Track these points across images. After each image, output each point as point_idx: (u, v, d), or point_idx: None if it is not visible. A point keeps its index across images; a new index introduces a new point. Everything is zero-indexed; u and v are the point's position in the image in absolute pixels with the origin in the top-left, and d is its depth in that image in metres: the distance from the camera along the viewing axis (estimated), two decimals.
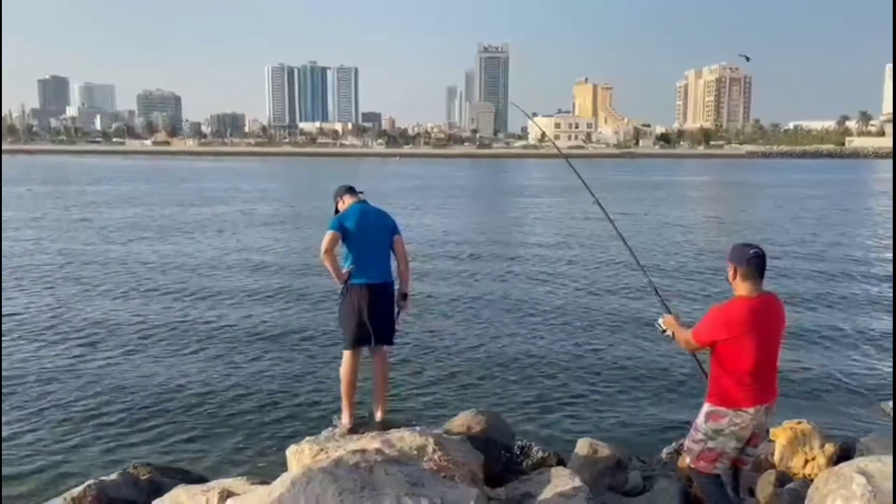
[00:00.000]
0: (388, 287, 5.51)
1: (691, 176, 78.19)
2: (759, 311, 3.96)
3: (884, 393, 8.85)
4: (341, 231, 5.31)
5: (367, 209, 5.55)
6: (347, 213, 5.44)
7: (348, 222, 5.37)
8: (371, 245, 5.42)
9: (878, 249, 22.26)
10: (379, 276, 5.43)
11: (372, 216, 5.52)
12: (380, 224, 5.52)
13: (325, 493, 3.48)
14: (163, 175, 72.85)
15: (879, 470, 3.70)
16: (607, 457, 5.29)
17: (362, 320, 5.31)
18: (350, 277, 5.34)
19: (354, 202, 5.55)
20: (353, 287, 5.35)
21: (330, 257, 5.27)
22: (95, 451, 7.02)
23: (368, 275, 5.37)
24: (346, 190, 5.64)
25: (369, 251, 5.39)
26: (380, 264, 5.45)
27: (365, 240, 5.39)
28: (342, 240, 5.35)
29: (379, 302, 5.38)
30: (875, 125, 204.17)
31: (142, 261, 18.67)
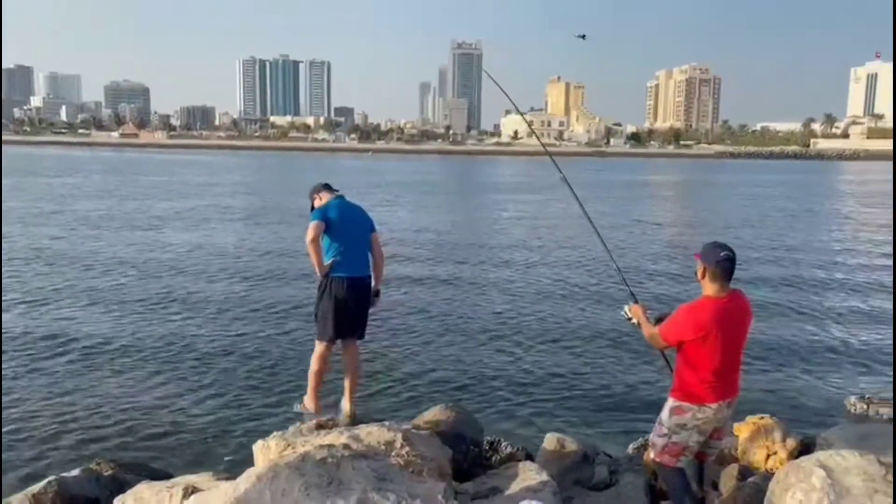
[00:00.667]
0: (367, 282, 5.52)
1: (661, 175, 79.11)
2: (726, 312, 4.01)
3: (844, 389, 9.05)
4: (325, 221, 5.30)
5: (346, 204, 5.57)
6: (330, 206, 5.43)
7: (332, 213, 5.37)
8: (352, 239, 5.44)
9: (842, 251, 22.73)
10: (359, 269, 5.46)
11: (352, 211, 5.54)
12: (359, 219, 5.55)
13: (291, 489, 3.45)
14: (132, 168, 71.69)
15: (839, 464, 3.77)
16: (574, 451, 5.33)
17: (341, 313, 5.31)
18: (331, 270, 5.33)
19: (333, 198, 5.54)
20: (334, 279, 5.35)
21: (316, 246, 5.25)
22: (57, 448, 6.88)
23: (350, 268, 5.38)
24: (322, 187, 5.64)
25: (351, 245, 5.40)
26: (360, 258, 5.48)
27: (347, 233, 5.40)
28: (325, 231, 5.33)
29: (358, 296, 5.40)
30: (839, 128, 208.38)
31: (110, 255, 18.35)
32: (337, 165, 77.42)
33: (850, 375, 9.78)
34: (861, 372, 9.99)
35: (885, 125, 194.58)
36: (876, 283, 16.72)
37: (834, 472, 3.73)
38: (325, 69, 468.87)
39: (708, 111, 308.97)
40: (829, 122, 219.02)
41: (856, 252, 22.13)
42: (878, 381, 9.64)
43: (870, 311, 13.81)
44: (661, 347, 4.32)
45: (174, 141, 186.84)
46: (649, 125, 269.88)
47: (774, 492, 3.95)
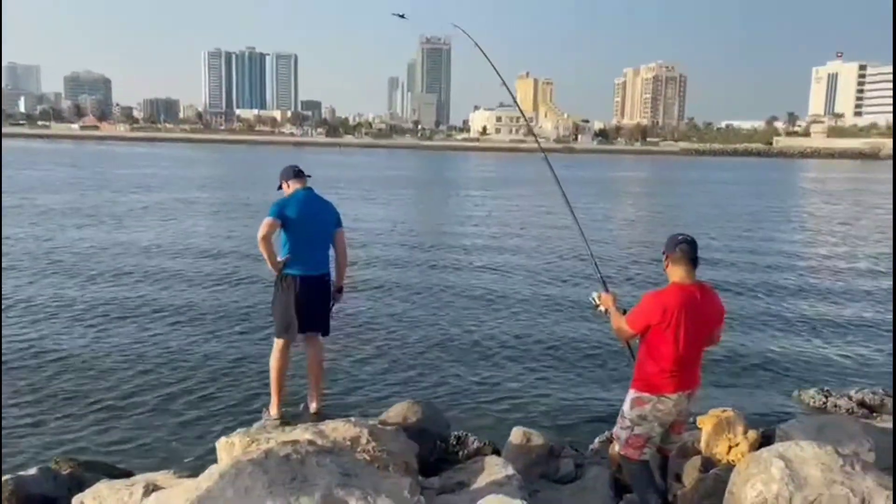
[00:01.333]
0: (324, 279, 5.39)
1: (629, 172, 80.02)
2: (692, 300, 4.07)
3: (803, 381, 9.24)
4: (280, 219, 5.15)
5: (312, 198, 5.37)
6: (290, 201, 5.26)
7: (289, 210, 5.19)
8: (310, 236, 5.26)
9: (805, 248, 23.20)
10: (314, 268, 5.31)
11: (315, 206, 5.35)
12: (322, 215, 5.37)
13: (254, 486, 3.41)
14: (94, 160, 70.14)
15: (797, 455, 3.85)
16: (540, 445, 5.36)
17: (294, 311, 5.21)
18: (285, 266, 5.22)
19: (300, 188, 5.37)
20: (286, 277, 5.24)
21: (266, 244, 5.11)
22: (13, 445, 6.71)
23: (304, 266, 5.24)
24: (293, 173, 5.40)
25: (307, 242, 5.24)
26: (317, 256, 5.32)
27: (304, 230, 5.22)
28: (281, 227, 5.20)
29: (313, 294, 5.27)
30: (801, 126, 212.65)
31: (72, 247, 17.97)
32: (304, 159, 76.72)
33: (810, 369, 9.99)
34: (821, 366, 10.21)
35: (845, 124, 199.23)
36: (837, 279, 17.10)
37: (792, 463, 3.81)
38: (292, 62, 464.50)
39: (674, 109, 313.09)
40: (791, 120, 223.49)
41: (818, 249, 22.62)
42: (836, 374, 9.87)
43: (830, 306, 14.12)
44: (628, 337, 4.36)
45: (136, 133, 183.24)
46: (617, 122, 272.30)
47: (735, 483, 4.02)
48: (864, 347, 11.15)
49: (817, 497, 3.61)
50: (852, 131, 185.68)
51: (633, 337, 4.33)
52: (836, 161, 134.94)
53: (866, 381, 9.40)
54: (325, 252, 5.42)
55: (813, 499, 3.61)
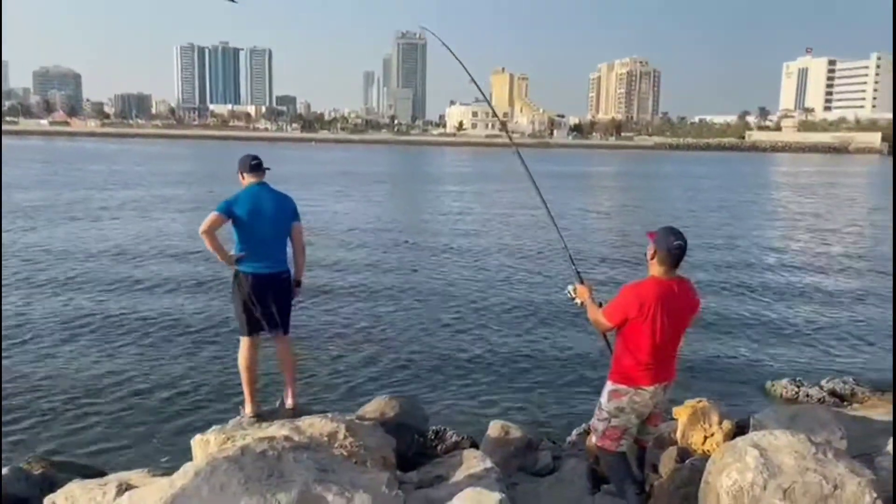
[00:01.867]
0: (280, 277, 5.21)
1: (604, 167, 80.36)
2: (670, 294, 4.08)
3: (776, 373, 9.39)
4: (227, 215, 5.01)
5: (263, 194, 5.18)
6: (240, 197, 5.08)
7: (238, 208, 5.01)
8: (262, 233, 5.04)
9: (778, 239, 23.55)
10: (269, 266, 5.14)
11: (267, 202, 5.15)
12: (276, 211, 5.17)
13: (229, 483, 3.36)
14: (66, 157, 68.84)
15: (771, 443, 3.89)
16: (518, 438, 5.37)
17: (250, 309, 5.11)
18: (239, 263, 5.11)
19: (253, 182, 5.22)
20: (240, 275, 5.12)
21: (209, 237, 4.93)
22: None
23: (257, 265, 5.07)
24: (249, 166, 5.21)
25: (259, 240, 5.03)
26: (271, 254, 5.14)
27: (255, 228, 5.05)
28: (233, 224, 5.07)
29: (268, 293, 5.07)
30: (772, 120, 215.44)
31: (45, 246, 17.66)
32: (279, 155, 76.01)
33: (783, 361, 10.15)
34: (793, 357, 10.38)
35: (815, 119, 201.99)
36: (810, 273, 17.39)
37: (766, 452, 3.85)
38: (267, 57, 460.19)
39: (648, 103, 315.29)
40: (763, 115, 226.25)
41: (792, 243, 22.94)
42: (808, 364, 10.04)
43: (802, 299, 14.35)
44: (606, 329, 4.35)
45: (108, 129, 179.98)
46: (592, 117, 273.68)
47: (711, 472, 4.05)
48: (834, 339, 11.36)
49: (791, 484, 3.64)
50: (822, 126, 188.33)
51: (611, 329, 4.32)
52: (806, 155, 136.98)
53: (836, 371, 9.59)
54: (282, 248, 5.23)
55: (787, 486, 3.65)
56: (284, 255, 5.27)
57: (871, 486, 3.60)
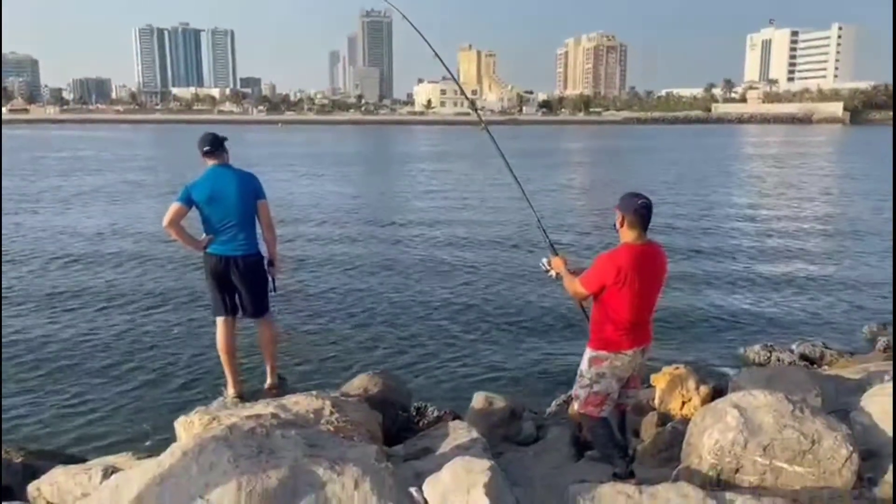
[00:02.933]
0: (249, 259, 5.11)
1: (574, 142, 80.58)
2: (643, 258, 4.15)
3: (748, 338, 9.59)
4: (188, 203, 4.93)
5: (223, 174, 5.06)
6: (198, 182, 4.97)
7: (197, 193, 4.92)
8: (226, 216, 4.97)
9: (748, 207, 23.88)
10: (235, 248, 5.04)
11: (228, 183, 5.03)
12: (238, 191, 5.03)
13: (219, 461, 3.36)
14: (28, 145, 67.03)
15: (750, 403, 3.98)
16: (502, 408, 5.43)
17: (221, 289, 5.06)
18: (207, 245, 5.03)
19: (214, 164, 5.10)
20: (208, 256, 5.05)
21: (174, 229, 4.86)
22: None
23: (224, 246, 4.98)
24: (208, 147, 5.09)
25: (220, 222, 4.94)
26: (236, 235, 5.04)
27: (218, 211, 4.96)
28: (196, 209, 4.99)
29: (234, 275, 5.00)
30: (738, 92, 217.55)
31: (19, 234, 17.27)
32: (246, 138, 74.93)
33: (755, 326, 10.38)
34: (764, 322, 10.60)
35: (779, 90, 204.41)
36: (779, 238, 17.72)
37: (746, 411, 3.94)
38: (229, 38, 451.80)
39: (615, 78, 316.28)
40: (728, 87, 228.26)
41: (761, 211, 23.31)
42: (779, 329, 10.27)
43: (774, 264, 14.62)
44: (582, 298, 4.40)
45: (68, 116, 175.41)
46: (560, 93, 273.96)
47: (693, 433, 4.14)
48: (803, 302, 11.62)
49: (770, 441, 3.74)
50: (786, 97, 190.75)
51: (588, 298, 4.38)
52: (771, 126, 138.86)
53: (806, 335, 9.82)
54: (248, 230, 5.10)
55: (767, 443, 3.74)
56: (252, 236, 5.14)
57: (847, 440, 3.72)
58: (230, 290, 5.11)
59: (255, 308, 5.22)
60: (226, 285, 5.09)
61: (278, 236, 5.46)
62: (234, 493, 3.18)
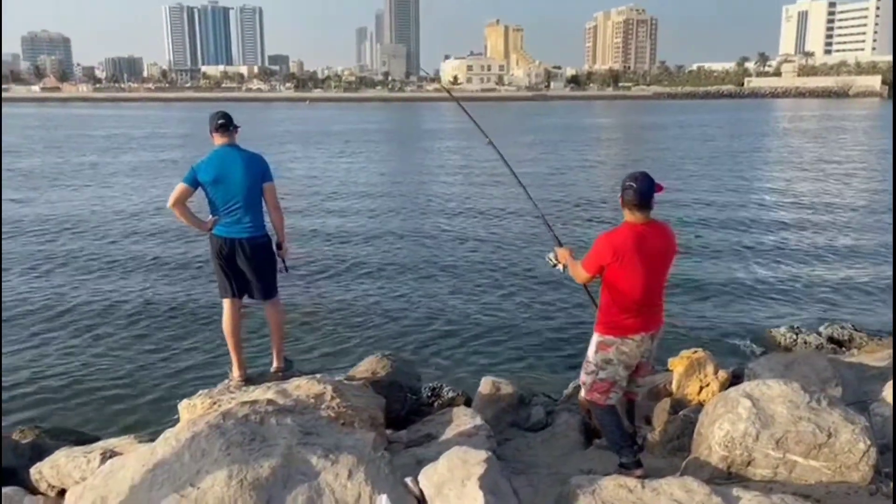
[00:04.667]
0: (257, 242, 5.02)
1: (602, 118, 79.45)
2: (644, 237, 3.99)
3: (772, 322, 9.32)
4: (193, 184, 4.87)
5: (230, 155, 4.96)
6: (204, 162, 4.89)
7: (204, 173, 4.84)
8: (231, 197, 4.88)
9: (781, 188, 23.28)
10: (241, 230, 4.95)
11: (234, 164, 4.94)
12: (245, 172, 4.94)
13: (211, 448, 3.30)
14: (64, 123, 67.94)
15: (764, 393, 3.82)
16: (510, 394, 5.32)
17: (227, 271, 5.00)
18: (213, 226, 4.97)
19: (222, 144, 5.03)
20: (213, 238, 4.99)
21: (179, 210, 4.80)
22: None
23: (229, 228, 4.91)
24: (217, 126, 5.01)
25: (228, 204, 4.87)
26: (242, 217, 4.95)
27: (223, 192, 4.88)
28: (202, 190, 4.92)
29: (240, 258, 4.93)
30: (772, 66, 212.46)
31: (42, 215, 17.52)
32: (273, 116, 75.07)
33: (782, 309, 10.10)
34: (790, 304, 10.33)
35: (815, 63, 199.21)
36: (813, 218, 17.25)
37: (759, 402, 3.78)
38: (257, 15, 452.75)
39: (645, 53, 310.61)
40: (762, 60, 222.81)
41: (795, 189, 22.70)
42: (804, 312, 9.99)
43: (804, 246, 14.24)
44: (585, 280, 4.27)
45: (100, 94, 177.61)
46: (588, 68, 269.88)
47: (703, 423, 4.00)
48: (833, 286, 11.29)
49: (784, 434, 3.58)
50: (822, 70, 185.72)
51: (590, 280, 4.23)
52: (806, 100, 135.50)
53: (835, 318, 9.54)
54: (254, 212, 5.01)
55: (780, 436, 3.59)
56: (259, 219, 5.05)
57: (865, 434, 3.55)
58: (236, 272, 5.04)
59: (263, 291, 5.15)
60: (232, 268, 5.03)
61: (289, 214, 5.38)
62: (225, 481, 3.12)
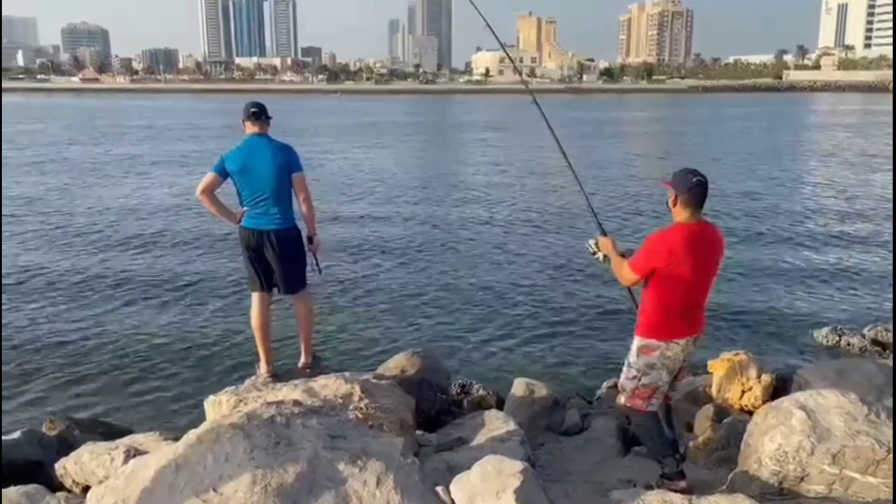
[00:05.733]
0: (284, 234, 4.91)
1: (637, 112, 78.37)
2: (698, 239, 3.75)
3: (814, 322, 8.97)
4: (222, 173, 4.78)
5: (259, 145, 4.88)
6: (233, 152, 4.82)
7: (231, 163, 4.76)
8: (259, 188, 4.80)
9: (822, 183, 22.63)
10: (269, 222, 4.85)
11: (263, 154, 4.85)
12: (272, 162, 4.85)
13: (234, 451, 3.17)
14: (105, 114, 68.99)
15: (819, 404, 3.58)
16: (544, 397, 5.12)
17: (256, 264, 4.89)
18: (243, 218, 4.88)
19: (253, 133, 4.93)
20: (242, 229, 4.90)
21: (206, 198, 4.74)
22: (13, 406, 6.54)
23: (257, 220, 4.83)
24: (249, 114, 4.93)
25: (256, 195, 4.79)
26: (269, 209, 4.86)
27: (251, 183, 4.80)
28: (231, 179, 4.84)
29: (268, 250, 4.82)
30: (811, 59, 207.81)
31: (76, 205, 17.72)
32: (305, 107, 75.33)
33: (820, 307, 9.74)
34: (828, 302, 9.96)
35: (855, 56, 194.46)
36: (845, 214, 16.72)
37: (814, 413, 3.55)
38: (291, 7, 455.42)
39: (681, 45, 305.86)
40: (801, 53, 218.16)
41: (837, 185, 22.01)
42: (846, 310, 9.63)
43: (836, 241, 13.79)
44: (631, 282, 3.99)
45: (137, 85, 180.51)
46: (622, 60, 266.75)
47: (753, 434, 3.77)
48: (876, 286, 10.86)
49: (841, 449, 3.35)
50: (863, 63, 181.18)
51: (637, 283, 3.99)
52: (846, 94, 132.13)
53: (879, 318, 9.17)
54: (282, 204, 4.91)
55: (836, 451, 3.35)
56: (287, 211, 4.96)
57: None
58: (265, 265, 4.94)
59: (291, 284, 5.04)
60: (260, 260, 4.93)
61: (321, 204, 5.26)
62: (248, 486, 2.99)
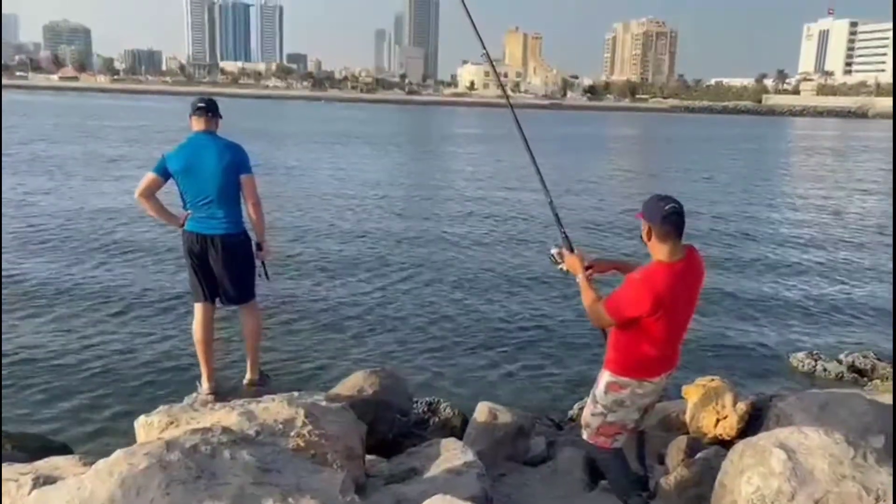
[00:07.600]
0: (231, 240, 4.57)
1: (618, 129, 78.67)
2: (682, 276, 3.38)
3: (791, 348, 8.74)
4: (163, 174, 4.42)
5: (204, 143, 4.56)
6: (176, 150, 4.47)
7: (174, 162, 4.42)
8: (203, 189, 4.47)
9: (799, 207, 22.58)
10: (214, 226, 4.51)
11: (208, 153, 4.53)
12: (218, 162, 4.51)
13: (147, 486, 2.80)
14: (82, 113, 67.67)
15: (801, 444, 3.28)
16: (508, 423, 4.77)
17: (199, 272, 4.52)
18: (185, 222, 4.51)
19: (199, 130, 4.57)
20: (184, 234, 4.53)
21: (146, 201, 4.39)
22: None
23: (201, 224, 4.47)
24: (195, 109, 4.60)
25: (200, 197, 4.45)
26: (215, 212, 4.53)
27: (194, 184, 4.46)
28: (174, 180, 4.48)
29: (217, 257, 4.45)
30: (791, 84, 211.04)
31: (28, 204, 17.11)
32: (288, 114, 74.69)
33: (794, 331, 9.53)
34: (804, 327, 9.76)
35: (835, 82, 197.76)
36: (831, 240, 16.61)
37: (796, 454, 3.24)
38: (277, 13, 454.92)
39: (664, 65, 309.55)
40: (781, 78, 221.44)
41: (813, 210, 21.97)
42: (821, 336, 9.43)
43: (814, 266, 13.65)
44: (606, 326, 3.59)
45: (117, 85, 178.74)
46: (606, 78, 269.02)
47: (728, 472, 3.46)
48: (853, 312, 10.69)
49: (825, 495, 3.05)
50: (842, 89, 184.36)
51: (610, 326, 3.57)
52: (824, 119, 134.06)
53: (856, 344, 8.97)
54: (229, 207, 4.60)
55: (819, 496, 3.05)
56: (234, 215, 4.60)
57: None
58: (209, 273, 4.56)
59: (236, 294, 4.66)
60: (204, 268, 4.55)
61: (284, 212, 4.90)
62: None
